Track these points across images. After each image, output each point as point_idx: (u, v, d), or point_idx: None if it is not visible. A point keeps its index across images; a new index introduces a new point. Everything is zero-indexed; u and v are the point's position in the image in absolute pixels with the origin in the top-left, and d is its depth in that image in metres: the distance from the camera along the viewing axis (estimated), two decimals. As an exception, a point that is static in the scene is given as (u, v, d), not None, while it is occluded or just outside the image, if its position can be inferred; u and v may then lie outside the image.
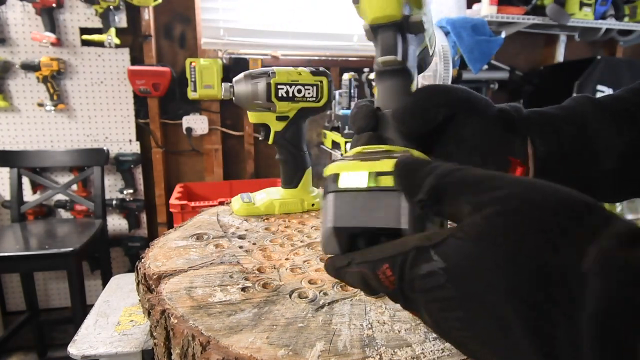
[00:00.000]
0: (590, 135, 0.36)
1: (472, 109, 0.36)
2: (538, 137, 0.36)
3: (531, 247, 0.20)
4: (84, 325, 0.83)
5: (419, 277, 0.23)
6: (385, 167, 0.28)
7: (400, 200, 0.26)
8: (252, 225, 0.69)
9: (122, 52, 1.90)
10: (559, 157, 0.35)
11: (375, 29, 0.35)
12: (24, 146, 1.89)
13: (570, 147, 0.35)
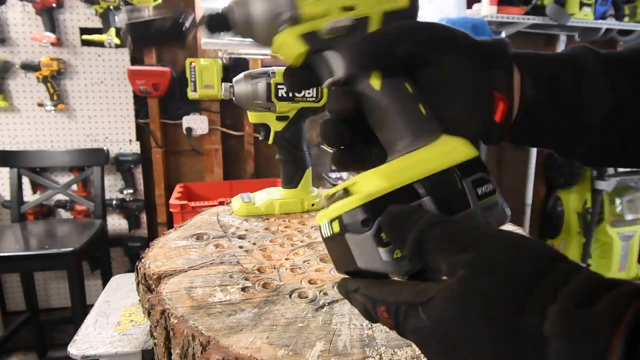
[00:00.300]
0: (584, 84, 0.34)
1: (448, 47, 0.34)
2: (529, 76, 0.34)
3: (502, 309, 0.20)
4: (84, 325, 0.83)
5: (410, 330, 0.24)
6: (333, 214, 0.29)
7: (369, 241, 0.28)
8: (252, 225, 0.69)
9: (122, 52, 1.90)
10: (547, 100, 0.34)
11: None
12: (24, 146, 1.89)
13: (561, 92, 0.34)
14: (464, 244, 0.24)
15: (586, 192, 2.32)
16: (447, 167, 0.30)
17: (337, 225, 0.29)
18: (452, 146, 0.32)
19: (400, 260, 0.27)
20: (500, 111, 0.34)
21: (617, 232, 2.28)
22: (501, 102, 0.34)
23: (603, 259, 2.32)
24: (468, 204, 0.30)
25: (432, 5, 1.94)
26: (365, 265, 0.28)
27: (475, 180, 0.30)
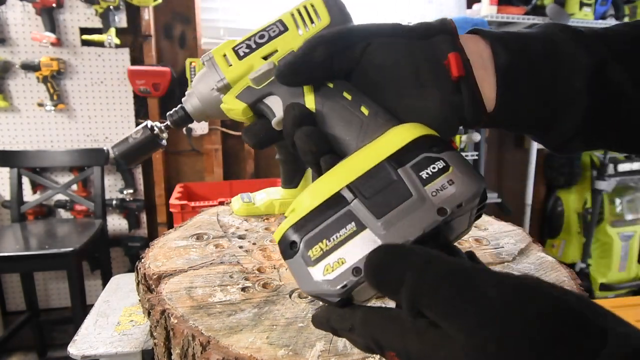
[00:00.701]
0: (559, 51, 0.31)
1: (370, 36, 0.32)
2: (498, 42, 0.31)
3: None
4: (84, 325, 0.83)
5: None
6: (276, 241, 0.29)
7: (300, 262, 0.27)
8: (252, 225, 0.69)
9: (122, 52, 1.90)
10: (525, 70, 0.31)
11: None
12: (24, 146, 1.89)
13: (537, 60, 0.31)
14: (473, 298, 0.20)
15: (586, 192, 2.32)
16: (376, 164, 0.28)
17: (282, 255, 0.28)
18: (387, 139, 0.29)
19: (331, 278, 0.25)
20: (455, 62, 0.30)
21: (617, 232, 2.28)
22: (450, 55, 0.30)
23: (603, 259, 2.32)
24: (409, 194, 0.26)
25: (432, 5, 1.94)
26: (307, 289, 0.26)
27: (416, 164, 0.27)
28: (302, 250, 0.26)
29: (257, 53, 0.37)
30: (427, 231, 0.26)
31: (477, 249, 0.59)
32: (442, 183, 0.26)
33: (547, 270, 0.53)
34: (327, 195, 0.27)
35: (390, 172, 0.27)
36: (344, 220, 0.26)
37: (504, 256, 0.56)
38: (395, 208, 0.26)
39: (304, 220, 0.27)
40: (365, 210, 0.26)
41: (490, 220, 0.71)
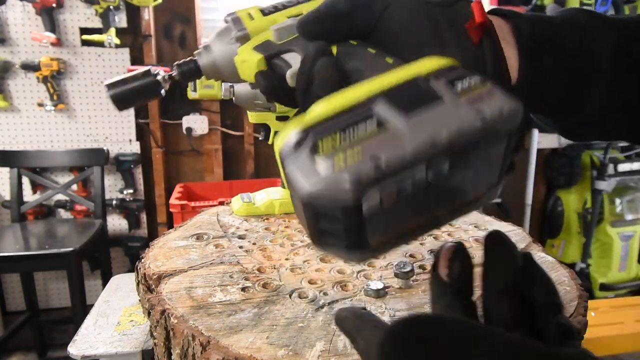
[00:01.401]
0: (584, 27, 0.31)
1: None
2: (520, 19, 0.31)
3: None
4: (84, 325, 0.83)
5: None
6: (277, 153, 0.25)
7: (305, 157, 0.22)
8: (252, 225, 0.69)
9: (122, 52, 1.90)
10: (549, 40, 0.30)
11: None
12: (24, 146, 1.89)
13: (561, 32, 0.30)
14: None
15: (586, 192, 2.32)
16: (409, 78, 0.25)
17: (281, 166, 0.24)
18: (416, 63, 0.26)
19: (343, 174, 0.20)
20: (478, 12, 0.29)
21: (617, 232, 2.27)
22: (474, 5, 0.30)
23: (603, 259, 2.32)
24: (438, 96, 0.23)
25: (432, 5, 1.94)
26: (310, 189, 0.21)
27: (450, 79, 0.24)
28: (308, 145, 0.22)
29: (282, 12, 0.37)
30: (465, 137, 0.21)
31: (477, 249, 0.59)
32: (480, 94, 0.23)
33: (547, 270, 0.53)
34: (348, 103, 0.24)
35: (423, 83, 0.24)
36: (364, 119, 0.22)
37: (504, 256, 0.56)
38: (425, 110, 0.22)
39: (316, 124, 0.23)
40: (391, 110, 0.22)
41: (490, 220, 0.71)
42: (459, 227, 0.68)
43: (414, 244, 0.60)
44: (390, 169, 0.21)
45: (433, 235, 0.64)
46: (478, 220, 0.71)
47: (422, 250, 0.59)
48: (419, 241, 0.62)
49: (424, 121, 0.22)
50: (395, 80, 0.24)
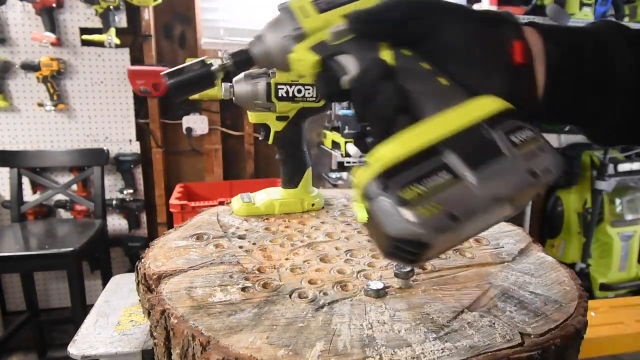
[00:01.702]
0: (607, 49, 0.33)
1: (445, 13, 0.34)
2: (550, 38, 0.33)
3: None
4: (84, 325, 0.83)
5: None
6: (359, 190, 0.29)
7: (390, 204, 0.27)
8: (252, 225, 0.69)
9: (122, 52, 1.90)
10: (573, 61, 0.33)
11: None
12: (24, 146, 1.89)
13: (586, 54, 0.33)
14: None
15: (586, 192, 2.32)
16: (470, 124, 0.29)
17: (365, 201, 0.28)
18: (475, 104, 0.30)
19: (424, 221, 0.26)
20: (519, 50, 0.32)
21: (617, 232, 2.27)
22: (515, 43, 0.32)
23: (603, 259, 2.32)
24: (500, 152, 0.28)
25: (432, 5, 1.94)
26: (395, 229, 0.26)
27: (509, 130, 0.29)
28: (393, 192, 0.27)
29: (337, 10, 0.37)
30: (520, 190, 0.28)
31: (477, 249, 0.59)
32: (532, 149, 0.29)
33: (547, 270, 0.53)
34: (418, 148, 0.28)
35: (484, 132, 0.29)
36: (438, 170, 0.27)
37: (504, 256, 0.56)
38: (490, 165, 0.28)
39: (394, 168, 0.28)
40: (461, 163, 0.27)
41: (490, 220, 0.71)
42: (459, 227, 0.67)
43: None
44: (462, 220, 0.27)
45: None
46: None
47: (422, 250, 0.58)
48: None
49: (490, 177, 0.28)
50: (458, 126, 0.29)
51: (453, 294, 0.46)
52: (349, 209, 0.78)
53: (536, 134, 0.29)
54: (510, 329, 0.40)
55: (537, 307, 0.44)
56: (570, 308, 0.44)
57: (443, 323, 0.41)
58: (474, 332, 0.39)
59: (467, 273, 0.52)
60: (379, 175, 0.27)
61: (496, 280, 0.50)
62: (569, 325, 0.41)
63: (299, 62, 0.37)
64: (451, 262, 0.55)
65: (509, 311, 0.43)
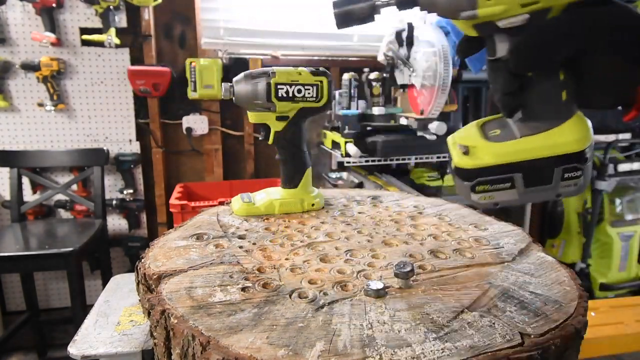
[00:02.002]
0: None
1: (604, 45, 0.36)
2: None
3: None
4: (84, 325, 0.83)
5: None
6: (454, 161, 0.46)
7: (468, 188, 0.45)
8: (252, 225, 0.69)
9: (122, 52, 1.90)
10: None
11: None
12: (24, 146, 1.89)
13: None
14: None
15: (586, 192, 2.32)
16: (545, 156, 0.40)
17: (454, 169, 0.45)
18: (564, 139, 0.40)
19: (483, 201, 0.44)
20: (634, 111, 0.37)
21: (617, 232, 2.27)
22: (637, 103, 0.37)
23: (603, 259, 2.32)
24: (550, 182, 0.41)
25: (432, 5, 1.94)
26: (464, 198, 0.45)
27: (567, 168, 0.40)
28: (474, 185, 0.44)
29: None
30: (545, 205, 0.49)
31: (477, 249, 0.59)
32: (570, 184, 0.41)
33: (547, 270, 0.53)
34: (503, 162, 0.42)
35: (549, 166, 0.41)
36: (505, 180, 0.42)
37: (504, 256, 0.56)
38: (538, 187, 0.42)
39: (482, 170, 0.43)
40: (521, 182, 0.42)
41: (490, 220, 0.71)
42: (459, 227, 0.67)
43: (414, 244, 0.60)
44: (499, 206, 0.45)
45: (433, 236, 0.64)
46: (478, 220, 0.71)
47: (422, 250, 0.59)
48: (418, 241, 0.62)
49: (532, 193, 0.43)
50: (536, 155, 0.41)
51: (453, 294, 0.46)
52: (349, 209, 0.78)
53: (582, 174, 0.41)
54: (510, 329, 0.40)
55: (537, 307, 0.44)
56: (570, 308, 0.44)
57: (443, 323, 0.41)
58: (474, 332, 0.39)
59: (467, 273, 0.52)
60: (474, 169, 0.43)
61: (496, 280, 0.50)
62: (569, 325, 0.41)
63: (458, 25, 0.41)
64: (451, 262, 0.55)
65: (509, 311, 0.43)
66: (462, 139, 0.45)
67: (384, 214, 0.75)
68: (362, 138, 1.72)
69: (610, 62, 0.37)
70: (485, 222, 0.70)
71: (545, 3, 0.37)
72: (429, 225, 0.69)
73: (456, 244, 0.61)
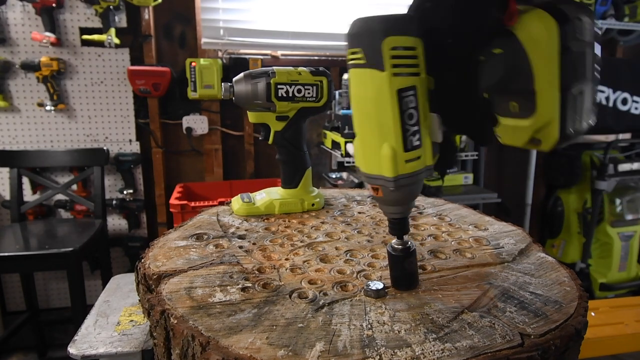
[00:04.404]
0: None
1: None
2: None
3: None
4: (84, 325, 0.83)
5: None
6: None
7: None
8: (252, 225, 0.69)
9: (122, 52, 1.90)
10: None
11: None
12: (24, 146, 1.89)
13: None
14: None
15: (586, 192, 2.32)
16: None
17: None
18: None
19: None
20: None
21: (617, 232, 2.27)
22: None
23: (603, 259, 2.32)
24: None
25: (432, 5, 1.94)
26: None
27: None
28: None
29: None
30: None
31: (477, 249, 0.59)
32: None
33: (547, 271, 0.53)
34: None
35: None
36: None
37: (504, 256, 0.56)
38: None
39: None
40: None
41: (490, 220, 0.71)
42: (459, 228, 0.67)
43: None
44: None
45: (433, 236, 0.64)
46: (478, 220, 0.71)
47: (422, 250, 0.58)
48: (418, 241, 0.62)
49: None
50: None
51: (453, 294, 0.46)
52: (349, 209, 0.78)
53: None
54: (510, 329, 0.40)
55: (537, 307, 0.44)
56: (570, 308, 0.44)
57: (443, 323, 0.41)
58: (474, 333, 0.39)
59: (467, 273, 0.52)
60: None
61: (496, 280, 0.50)
62: (569, 326, 0.41)
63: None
64: (451, 262, 0.55)
65: (509, 311, 0.43)
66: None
67: (384, 214, 0.74)
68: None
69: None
70: (485, 222, 0.70)
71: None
72: (429, 225, 0.69)
73: (456, 244, 0.61)
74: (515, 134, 0.42)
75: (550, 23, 0.36)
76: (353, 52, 0.40)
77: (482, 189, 2.05)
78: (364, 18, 0.38)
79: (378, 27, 0.38)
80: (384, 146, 0.40)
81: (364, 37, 0.39)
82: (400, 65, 0.38)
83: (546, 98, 0.38)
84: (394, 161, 0.40)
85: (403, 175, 0.40)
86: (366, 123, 0.41)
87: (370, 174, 0.42)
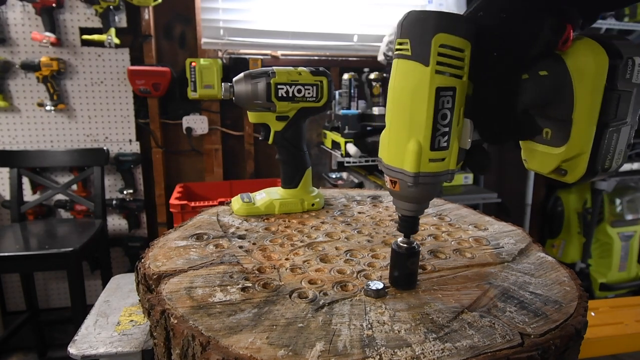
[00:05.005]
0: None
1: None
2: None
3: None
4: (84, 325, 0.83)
5: None
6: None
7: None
8: (252, 225, 0.69)
9: (122, 52, 1.90)
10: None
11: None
12: (24, 146, 1.89)
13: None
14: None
15: (586, 192, 2.32)
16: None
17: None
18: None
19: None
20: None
21: (617, 232, 2.27)
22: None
23: (603, 259, 2.32)
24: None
25: (432, 5, 1.94)
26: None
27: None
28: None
29: None
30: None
31: (477, 249, 0.59)
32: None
33: (547, 271, 0.53)
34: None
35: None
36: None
37: (504, 256, 0.56)
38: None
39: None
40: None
41: (490, 220, 0.71)
42: (459, 227, 0.67)
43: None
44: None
45: (433, 236, 0.64)
46: (478, 220, 0.71)
47: (422, 250, 0.58)
48: (418, 241, 0.62)
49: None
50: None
51: (453, 294, 0.46)
52: (349, 209, 0.78)
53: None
54: (510, 329, 0.40)
55: (537, 307, 0.44)
56: (570, 308, 0.44)
57: (443, 323, 0.41)
58: (474, 333, 0.39)
59: (467, 273, 0.52)
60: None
61: (496, 280, 0.50)
62: (569, 326, 0.41)
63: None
64: (451, 262, 0.55)
65: (509, 311, 0.43)
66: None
67: (384, 213, 0.74)
68: (362, 138, 1.72)
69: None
70: (485, 222, 0.70)
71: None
72: (429, 225, 0.69)
73: (456, 244, 0.61)
74: (543, 161, 0.41)
75: (602, 57, 0.35)
76: (401, 42, 0.39)
77: (482, 189, 2.05)
78: (418, 10, 0.38)
79: (431, 22, 0.37)
80: (411, 141, 0.39)
81: (415, 29, 0.38)
82: (445, 64, 0.38)
83: (582, 130, 0.37)
84: (418, 157, 0.39)
85: (424, 173, 0.40)
86: (399, 115, 0.40)
87: (392, 165, 0.42)
